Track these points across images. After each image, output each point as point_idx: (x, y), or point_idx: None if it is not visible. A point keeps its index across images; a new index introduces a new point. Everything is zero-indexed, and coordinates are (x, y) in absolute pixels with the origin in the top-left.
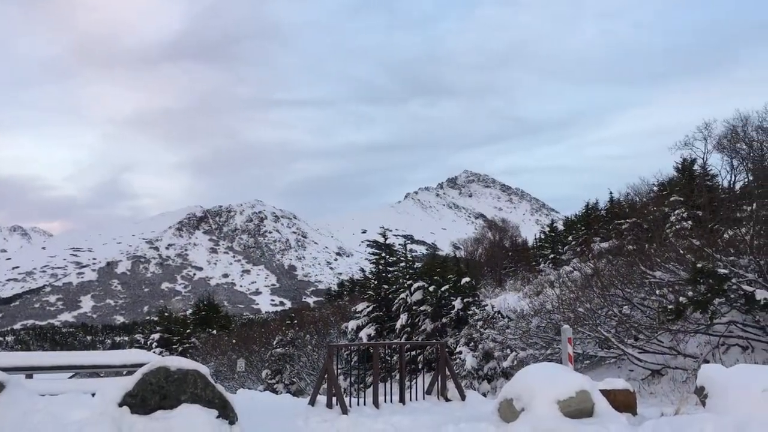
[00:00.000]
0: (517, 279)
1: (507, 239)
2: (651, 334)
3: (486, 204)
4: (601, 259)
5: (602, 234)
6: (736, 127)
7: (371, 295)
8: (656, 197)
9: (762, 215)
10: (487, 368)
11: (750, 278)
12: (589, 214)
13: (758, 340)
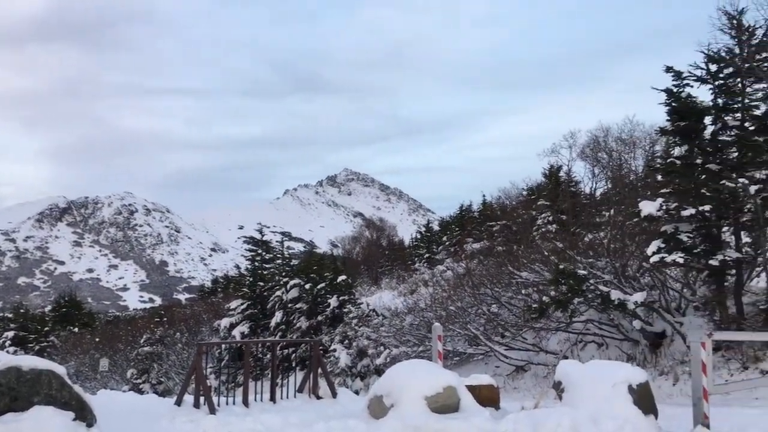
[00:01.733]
0: (393, 277)
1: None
2: (516, 332)
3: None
4: (473, 260)
5: (475, 235)
6: (598, 137)
7: (246, 292)
8: (525, 201)
9: (618, 221)
10: (360, 366)
11: (606, 279)
12: (463, 215)
13: (612, 337)
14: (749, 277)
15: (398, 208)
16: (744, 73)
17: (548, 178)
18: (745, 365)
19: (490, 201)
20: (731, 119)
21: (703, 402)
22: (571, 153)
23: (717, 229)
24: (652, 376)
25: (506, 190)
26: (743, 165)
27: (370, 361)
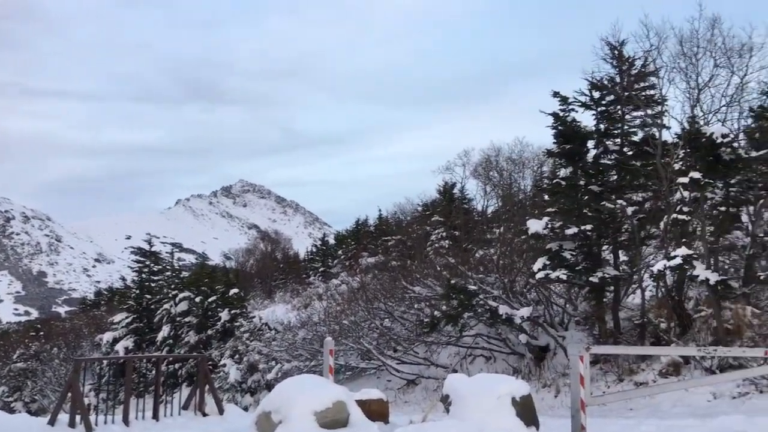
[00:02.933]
0: (287, 291)
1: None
2: (408, 346)
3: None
4: (368, 274)
5: (370, 249)
6: (490, 156)
7: (132, 305)
8: (420, 217)
9: (508, 238)
10: (251, 381)
11: (495, 294)
12: (359, 229)
13: (499, 350)
14: (626, 294)
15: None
16: (624, 101)
17: (442, 195)
18: (621, 377)
19: (386, 216)
20: (612, 144)
21: (580, 413)
22: (465, 171)
23: (597, 248)
24: (535, 388)
25: (402, 206)
26: (622, 187)
27: (261, 376)
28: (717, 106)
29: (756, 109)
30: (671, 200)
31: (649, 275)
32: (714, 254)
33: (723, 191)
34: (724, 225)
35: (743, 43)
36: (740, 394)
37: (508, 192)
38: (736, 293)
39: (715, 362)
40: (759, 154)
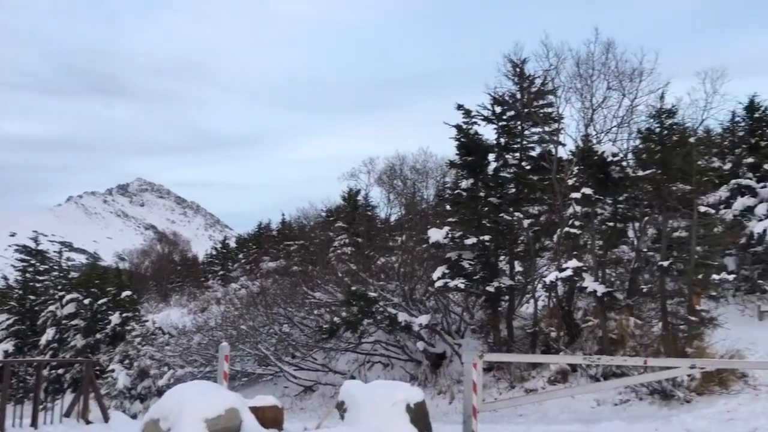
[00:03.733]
0: (184, 295)
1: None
2: (307, 352)
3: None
4: (269, 278)
5: (272, 254)
6: (395, 165)
7: (13, 306)
8: (323, 222)
9: (409, 246)
10: (141, 387)
11: (395, 302)
12: (261, 233)
13: (397, 357)
14: (520, 303)
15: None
16: (523, 117)
17: (347, 201)
18: (513, 384)
19: (289, 220)
20: (511, 158)
21: (472, 419)
22: (369, 178)
23: (495, 258)
24: (431, 395)
25: (306, 211)
26: (519, 200)
27: (152, 382)
28: (609, 127)
29: (644, 131)
30: (564, 214)
31: (542, 286)
32: (602, 267)
33: (612, 207)
34: (612, 239)
35: (634, 68)
36: (622, 401)
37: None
38: (621, 305)
39: (599, 370)
40: (645, 174)
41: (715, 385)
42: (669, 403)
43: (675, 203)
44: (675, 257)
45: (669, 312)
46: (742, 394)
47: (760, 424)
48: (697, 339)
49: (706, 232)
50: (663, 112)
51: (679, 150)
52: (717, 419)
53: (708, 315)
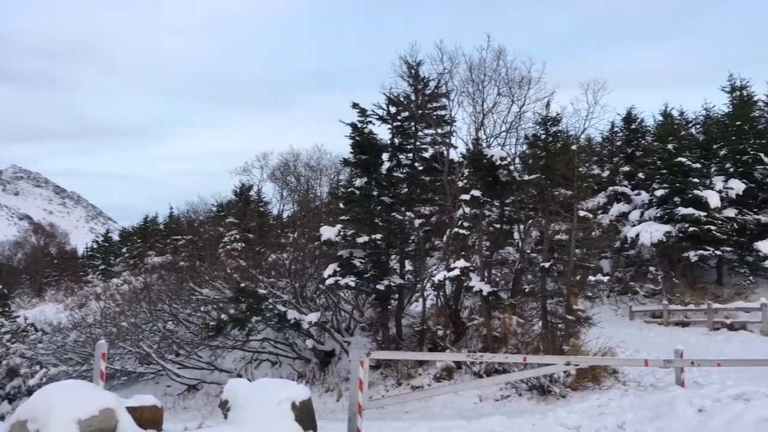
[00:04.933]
0: (61, 290)
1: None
2: (192, 350)
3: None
4: (154, 274)
5: (158, 248)
6: (289, 161)
7: None
8: (214, 217)
9: (301, 243)
10: (10, 387)
11: (285, 299)
12: (147, 227)
13: (286, 355)
14: (409, 302)
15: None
16: (417, 119)
17: (238, 197)
18: (400, 381)
19: (177, 215)
20: (405, 158)
21: (357, 417)
22: (263, 174)
23: (386, 257)
24: (318, 392)
25: (195, 205)
26: (412, 200)
27: (23, 381)
28: (498, 131)
29: (530, 137)
30: (454, 215)
31: (430, 285)
32: (488, 267)
33: (499, 210)
34: (498, 241)
35: (523, 76)
36: (503, 396)
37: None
38: (505, 304)
39: (483, 367)
40: (530, 178)
41: (588, 381)
42: (546, 398)
43: (557, 207)
44: (556, 259)
45: (549, 311)
46: (613, 390)
47: (628, 418)
48: (574, 337)
49: (585, 235)
50: (548, 120)
51: (562, 157)
52: (589, 414)
53: (584, 314)
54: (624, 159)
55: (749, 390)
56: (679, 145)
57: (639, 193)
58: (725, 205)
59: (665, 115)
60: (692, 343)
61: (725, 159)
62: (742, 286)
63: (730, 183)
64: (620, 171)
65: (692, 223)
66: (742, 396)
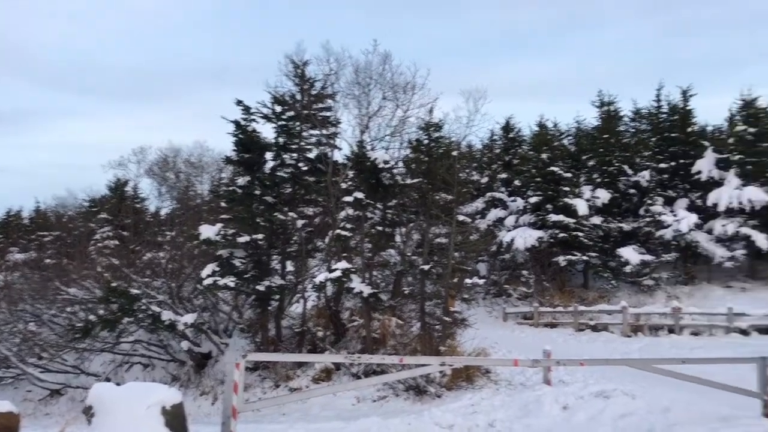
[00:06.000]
0: None
1: None
2: (56, 353)
3: None
4: (15, 272)
5: (22, 245)
6: (168, 156)
7: None
8: (85, 213)
9: (179, 242)
10: None
11: (160, 299)
12: (9, 221)
13: (159, 358)
14: (290, 303)
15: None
16: (303, 119)
17: (113, 192)
18: (278, 383)
19: (44, 209)
20: (289, 158)
21: (231, 420)
22: (139, 169)
23: (267, 257)
24: (194, 396)
25: (64, 200)
26: (295, 200)
27: None
28: (382, 135)
29: (413, 141)
30: (337, 217)
31: (312, 286)
32: (370, 269)
33: (382, 212)
34: (380, 243)
35: (408, 82)
36: (380, 397)
37: (184, 195)
38: (385, 305)
39: (361, 368)
40: (412, 182)
41: (463, 380)
42: (422, 398)
43: (438, 211)
44: (435, 262)
45: (427, 313)
46: (486, 389)
47: (498, 416)
48: (450, 338)
49: (464, 239)
50: (431, 126)
51: (443, 162)
52: (462, 412)
53: (460, 316)
54: (502, 166)
55: (609, 388)
56: (553, 154)
57: (515, 199)
58: (592, 213)
59: (541, 126)
60: (559, 343)
61: (593, 170)
62: (605, 290)
63: (597, 192)
64: (498, 178)
65: (562, 229)
66: (602, 393)
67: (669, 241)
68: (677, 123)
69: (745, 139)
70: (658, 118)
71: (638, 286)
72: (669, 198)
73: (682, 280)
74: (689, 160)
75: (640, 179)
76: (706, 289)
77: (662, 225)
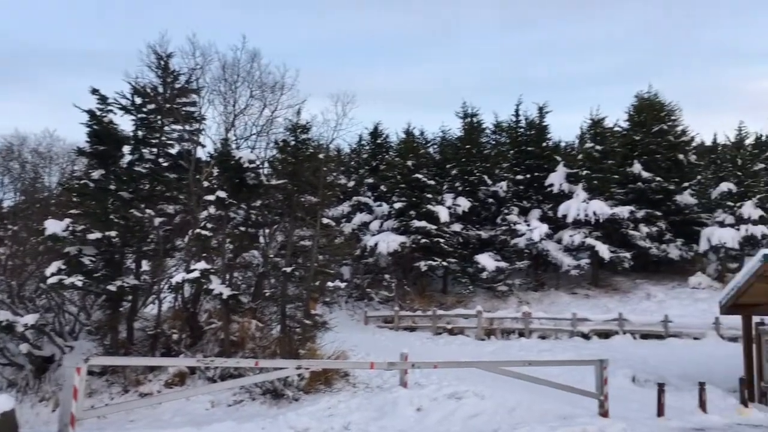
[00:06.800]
0: None
1: None
2: None
3: None
4: None
5: None
6: (13, 145)
7: None
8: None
9: (23, 237)
10: None
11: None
12: None
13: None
14: (144, 304)
15: None
16: (165, 113)
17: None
18: (127, 389)
19: None
20: (148, 153)
21: (69, 428)
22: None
23: (121, 256)
24: (32, 402)
25: None
26: (154, 197)
27: None
28: (249, 134)
29: (280, 142)
30: (199, 216)
31: (168, 287)
32: (231, 270)
33: (245, 212)
34: (243, 244)
35: (276, 81)
36: (236, 401)
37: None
38: (245, 308)
39: (218, 372)
40: (277, 183)
41: (321, 384)
42: (279, 402)
43: (303, 214)
44: (298, 264)
45: (288, 315)
46: (343, 392)
47: (354, 418)
48: (310, 341)
49: (328, 242)
50: (298, 127)
51: (310, 164)
52: (319, 416)
53: (321, 319)
54: (369, 171)
55: (461, 389)
56: (418, 162)
57: (380, 204)
58: (453, 221)
59: (408, 134)
60: (417, 346)
61: (456, 178)
62: (463, 295)
63: (458, 200)
64: (365, 182)
65: (424, 235)
66: (455, 395)
67: (522, 250)
68: (533, 138)
69: (593, 155)
70: (517, 132)
71: (493, 292)
72: (524, 208)
73: (533, 287)
74: (543, 173)
75: (498, 189)
76: (554, 295)
77: (517, 234)
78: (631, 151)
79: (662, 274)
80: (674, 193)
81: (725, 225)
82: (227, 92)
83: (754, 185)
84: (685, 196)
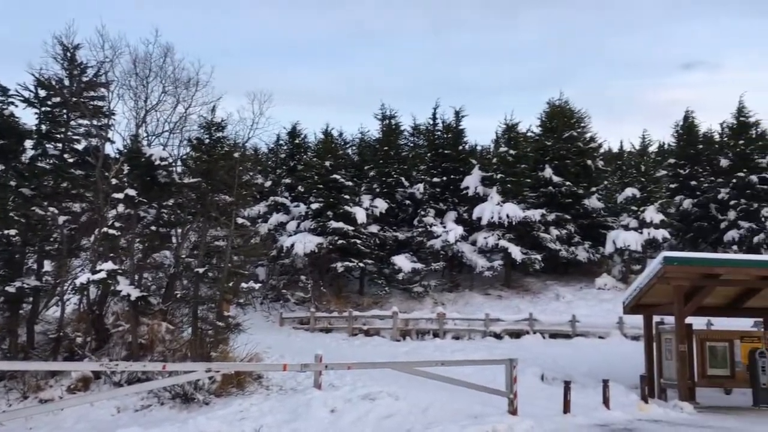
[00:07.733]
0: None
1: None
2: None
3: None
4: None
5: None
6: None
7: None
8: None
9: None
10: None
11: None
12: None
13: None
14: (46, 306)
15: None
16: (71, 107)
17: None
18: (26, 395)
19: None
20: (52, 148)
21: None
22: None
23: (21, 255)
24: None
25: None
26: (58, 194)
27: None
28: (161, 130)
29: (194, 140)
30: (107, 214)
31: (72, 288)
32: (141, 271)
33: (156, 212)
34: (154, 244)
35: (191, 77)
36: (143, 406)
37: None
38: (155, 309)
39: (124, 376)
40: (190, 182)
41: (233, 387)
42: (189, 406)
43: (217, 213)
44: (212, 265)
45: (200, 317)
46: (256, 395)
47: (266, 421)
48: (223, 343)
49: (243, 242)
50: (213, 125)
51: (224, 163)
52: (230, 419)
53: (234, 321)
54: (286, 171)
55: (375, 390)
56: (336, 163)
57: (298, 205)
58: (370, 222)
59: (326, 134)
60: (333, 347)
61: (373, 180)
62: (379, 296)
63: (375, 202)
64: (282, 182)
65: (341, 236)
66: (369, 396)
67: (438, 251)
68: (450, 141)
69: (507, 159)
70: (434, 135)
71: (409, 293)
72: (440, 210)
73: (448, 288)
74: (459, 176)
75: (415, 191)
76: (468, 296)
77: (433, 235)
78: (542, 156)
79: (571, 276)
80: (583, 197)
81: (629, 228)
82: (138, 87)
83: (656, 190)
84: (593, 200)
